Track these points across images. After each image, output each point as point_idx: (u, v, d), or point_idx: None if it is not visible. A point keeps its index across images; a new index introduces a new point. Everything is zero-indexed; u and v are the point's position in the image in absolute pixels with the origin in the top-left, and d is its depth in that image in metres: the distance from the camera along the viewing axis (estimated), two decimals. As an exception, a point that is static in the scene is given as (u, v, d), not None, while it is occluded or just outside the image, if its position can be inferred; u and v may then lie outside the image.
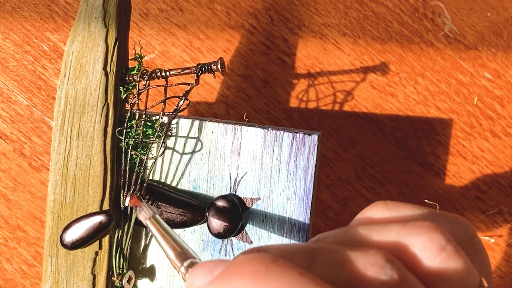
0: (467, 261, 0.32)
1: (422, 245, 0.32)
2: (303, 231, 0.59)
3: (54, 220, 0.59)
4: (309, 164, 0.58)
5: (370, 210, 0.37)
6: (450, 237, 0.32)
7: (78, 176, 0.58)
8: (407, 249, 0.32)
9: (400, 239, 0.33)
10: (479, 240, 0.36)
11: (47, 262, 0.59)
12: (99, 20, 0.58)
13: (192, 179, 0.61)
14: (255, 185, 0.59)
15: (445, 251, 0.31)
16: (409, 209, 0.36)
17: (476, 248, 0.35)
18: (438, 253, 0.31)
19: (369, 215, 0.37)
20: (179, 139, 0.61)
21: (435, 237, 0.32)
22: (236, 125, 0.60)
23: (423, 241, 0.32)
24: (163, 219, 0.59)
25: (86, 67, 0.58)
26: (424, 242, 0.32)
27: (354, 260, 0.31)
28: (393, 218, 0.36)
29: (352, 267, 0.31)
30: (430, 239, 0.32)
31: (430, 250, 0.32)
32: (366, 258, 0.31)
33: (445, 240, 0.32)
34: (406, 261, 0.32)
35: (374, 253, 0.31)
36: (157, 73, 0.59)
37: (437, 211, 0.36)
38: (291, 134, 0.58)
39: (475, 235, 0.36)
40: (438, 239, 0.32)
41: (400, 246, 0.32)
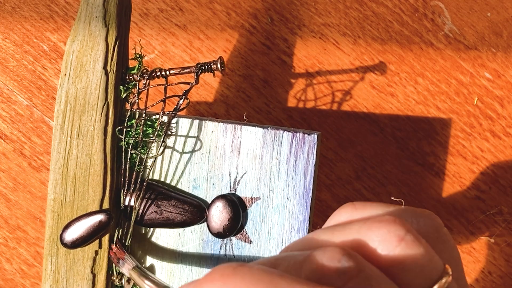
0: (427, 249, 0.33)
1: (381, 237, 0.32)
2: (303, 231, 0.59)
3: (54, 219, 0.59)
4: (308, 164, 0.58)
5: (338, 213, 0.38)
6: (409, 227, 0.33)
7: (78, 175, 0.58)
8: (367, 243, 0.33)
9: (361, 235, 0.33)
10: (446, 231, 0.36)
11: (47, 261, 0.59)
12: (100, 20, 0.58)
13: (192, 178, 0.61)
14: (255, 184, 0.59)
15: (404, 240, 0.32)
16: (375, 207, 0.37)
17: (443, 238, 0.36)
18: (397, 243, 0.32)
19: (336, 218, 0.37)
20: (179, 139, 0.61)
21: (393, 229, 0.32)
22: (236, 124, 0.60)
23: (382, 233, 0.32)
24: (163, 219, 0.59)
25: (86, 66, 0.58)
26: (383, 235, 0.32)
27: (312, 259, 0.31)
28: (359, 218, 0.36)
29: (310, 264, 0.31)
30: (388, 231, 0.32)
31: (389, 242, 0.32)
32: (323, 254, 0.31)
33: (404, 230, 0.32)
34: (367, 255, 0.32)
35: (330, 249, 0.31)
36: (157, 72, 0.59)
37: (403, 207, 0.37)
38: (291, 134, 0.58)
39: (441, 226, 0.36)
40: (397, 230, 0.32)
41: (361, 241, 0.33)
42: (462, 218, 0.84)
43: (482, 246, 0.84)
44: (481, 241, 0.84)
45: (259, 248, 0.60)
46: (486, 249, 0.84)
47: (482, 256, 0.84)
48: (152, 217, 0.59)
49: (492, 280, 0.84)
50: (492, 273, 0.84)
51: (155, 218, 0.59)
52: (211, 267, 0.61)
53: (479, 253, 0.84)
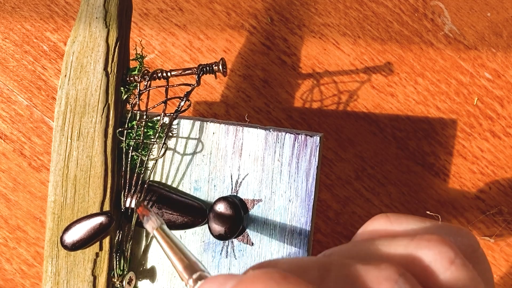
0: (475, 274, 0.32)
1: (432, 258, 0.32)
2: (304, 233, 0.58)
3: (54, 221, 0.59)
4: (311, 166, 0.58)
5: (372, 224, 0.37)
6: (457, 250, 0.32)
7: (79, 177, 0.58)
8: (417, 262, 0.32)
9: (409, 252, 0.33)
10: (482, 251, 0.36)
11: (47, 263, 0.59)
12: (100, 20, 0.58)
13: (193, 180, 0.61)
14: (257, 186, 0.59)
15: (455, 264, 0.32)
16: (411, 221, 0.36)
17: (480, 259, 0.35)
18: (448, 266, 0.32)
19: (371, 229, 0.37)
20: (180, 140, 0.61)
21: (444, 250, 0.32)
22: (238, 126, 0.60)
23: (433, 254, 0.32)
24: (165, 220, 0.59)
25: (87, 67, 0.58)
26: (434, 255, 0.32)
27: (366, 275, 0.31)
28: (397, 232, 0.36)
29: (365, 281, 0.31)
30: (439, 252, 0.32)
31: (440, 263, 0.32)
32: (379, 272, 0.31)
33: (454, 253, 0.32)
34: (417, 275, 0.32)
35: (386, 267, 0.31)
36: (158, 73, 0.59)
37: (439, 222, 0.36)
38: (293, 136, 0.58)
39: (478, 246, 0.36)
40: (447, 252, 0.32)
41: (410, 259, 0.33)
42: (462, 218, 0.84)
43: (482, 246, 0.84)
44: (481, 241, 0.84)
45: (261, 250, 0.60)
46: (486, 249, 0.84)
47: (482, 256, 0.84)
48: (154, 219, 0.59)
49: (492, 280, 0.84)
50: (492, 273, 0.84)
51: (156, 220, 0.59)
52: (212, 269, 0.61)
53: (479, 253, 0.84)
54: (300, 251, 0.59)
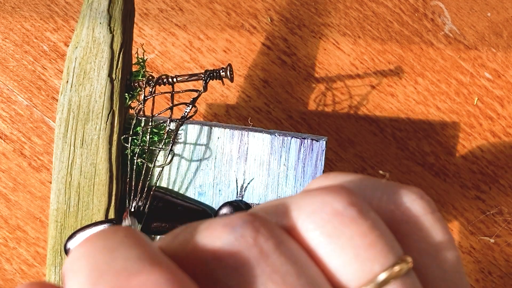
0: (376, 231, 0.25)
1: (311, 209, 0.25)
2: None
3: (57, 229, 0.59)
4: (317, 170, 0.58)
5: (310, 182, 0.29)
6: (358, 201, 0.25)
7: (83, 185, 0.58)
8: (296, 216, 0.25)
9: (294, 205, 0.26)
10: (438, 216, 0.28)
11: (50, 271, 0.59)
12: (104, 26, 0.58)
13: (198, 185, 0.61)
14: (262, 191, 0.59)
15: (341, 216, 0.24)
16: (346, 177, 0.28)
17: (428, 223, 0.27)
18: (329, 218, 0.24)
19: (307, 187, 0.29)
20: (184, 145, 0.61)
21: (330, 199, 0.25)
22: (243, 130, 0.60)
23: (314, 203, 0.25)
24: (170, 226, 0.59)
25: (90, 73, 0.57)
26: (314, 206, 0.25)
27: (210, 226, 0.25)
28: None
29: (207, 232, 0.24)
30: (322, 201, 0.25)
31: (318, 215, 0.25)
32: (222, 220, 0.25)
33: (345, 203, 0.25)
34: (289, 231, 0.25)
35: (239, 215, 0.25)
36: (163, 79, 0.58)
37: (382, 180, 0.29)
38: (299, 140, 0.58)
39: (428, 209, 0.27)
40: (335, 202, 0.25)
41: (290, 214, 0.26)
42: (462, 218, 0.84)
43: (482, 246, 0.84)
44: (481, 241, 0.84)
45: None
46: (486, 249, 0.84)
47: (482, 256, 0.84)
48: (159, 225, 0.59)
49: (492, 280, 0.84)
50: (492, 273, 0.84)
51: (162, 226, 0.59)
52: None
53: (479, 253, 0.84)
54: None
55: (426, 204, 0.27)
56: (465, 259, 0.84)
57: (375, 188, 0.28)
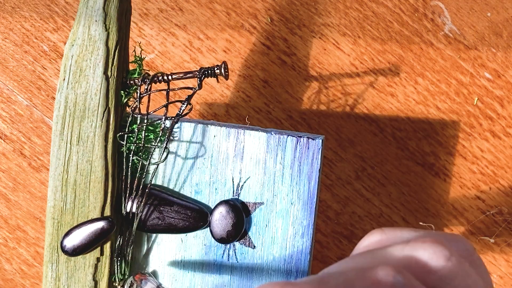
0: (472, 271, 0.33)
1: (428, 257, 0.32)
2: (307, 236, 0.59)
3: (54, 226, 0.59)
4: (313, 169, 0.58)
5: (368, 238, 0.38)
6: (452, 248, 0.33)
7: (79, 182, 0.58)
8: (413, 262, 0.33)
9: (405, 254, 0.33)
10: (479, 256, 0.36)
11: (48, 268, 0.59)
12: (100, 23, 0.58)
13: (194, 183, 0.61)
14: (258, 189, 0.59)
15: (451, 261, 0.32)
16: (405, 231, 0.37)
17: (477, 263, 0.36)
18: (445, 263, 0.32)
19: (367, 243, 0.37)
20: (181, 143, 0.61)
21: (439, 249, 0.32)
22: (239, 129, 0.59)
23: (428, 253, 0.32)
24: (166, 224, 0.59)
25: (86, 71, 0.58)
26: (429, 254, 0.32)
27: (364, 277, 0.31)
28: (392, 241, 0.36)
29: (363, 281, 0.31)
30: (434, 251, 0.32)
31: (436, 261, 0.32)
32: (376, 273, 0.31)
33: (449, 251, 0.32)
34: (414, 273, 0.32)
35: (382, 268, 0.31)
36: (158, 77, 0.58)
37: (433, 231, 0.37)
38: (295, 139, 0.58)
39: (474, 251, 0.36)
40: (442, 251, 0.32)
41: (406, 261, 0.33)
42: (462, 218, 0.84)
43: (482, 246, 0.84)
44: (481, 241, 0.84)
45: (263, 253, 0.60)
46: (486, 249, 0.84)
47: (482, 256, 0.84)
48: (154, 223, 0.59)
49: (492, 280, 0.84)
50: (492, 273, 0.84)
51: (157, 224, 0.59)
52: (214, 272, 0.61)
53: (479, 253, 0.84)
54: (302, 254, 0.59)
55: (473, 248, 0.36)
56: (465, 259, 0.84)
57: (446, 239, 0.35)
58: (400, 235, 0.36)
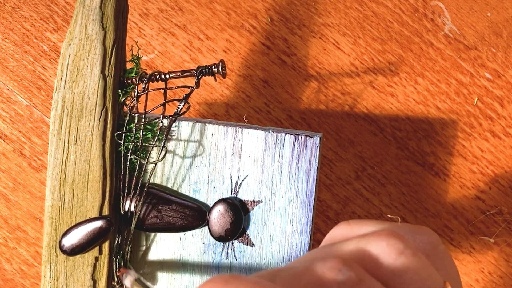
0: (427, 264, 0.33)
1: (381, 250, 0.32)
2: (305, 233, 0.58)
3: (52, 225, 0.59)
4: (311, 167, 0.58)
5: (334, 230, 0.38)
6: (408, 242, 0.33)
7: (77, 181, 0.58)
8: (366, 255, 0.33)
9: (359, 247, 0.33)
10: (444, 248, 0.36)
11: (46, 268, 0.59)
12: (97, 23, 0.58)
13: (193, 182, 0.61)
14: (257, 187, 0.59)
15: (404, 254, 0.32)
16: (370, 224, 0.37)
17: (441, 256, 0.36)
18: (397, 256, 0.32)
19: (333, 235, 0.38)
20: (178, 142, 0.61)
21: (392, 242, 0.32)
22: (237, 127, 0.59)
23: (382, 246, 0.33)
24: (164, 223, 0.59)
25: (83, 70, 0.57)
26: (382, 247, 0.33)
27: (312, 269, 0.31)
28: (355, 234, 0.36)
29: (310, 275, 0.31)
30: (387, 244, 0.32)
31: (388, 254, 0.32)
32: (324, 264, 0.31)
33: (403, 244, 0.32)
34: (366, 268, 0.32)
35: (330, 260, 0.31)
36: (156, 75, 0.58)
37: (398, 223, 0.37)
38: (293, 136, 0.58)
39: (439, 243, 0.36)
40: (396, 244, 0.32)
41: (359, 253, 0.33)
42: (462, 218, 0.84)
43: (482, 246, 0.84)
44: (481, 241, 0.84)
45: (261, 251, 0.60)
46: (486, 249, 0.84)
47: (482, 256, 0.84)
48: (153, 222, 0.59)
49: (492, 280, 0.84)
50: (492, 273, 0.84)
51: (156, 223, 0.59)
52: (212, 271, 0.61)
53: (479, 253, 0.84)
54: (301, 251, 0.59)
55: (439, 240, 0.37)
56: (465, 259, 0.84)
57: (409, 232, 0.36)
58: (364, 228, 0.37)
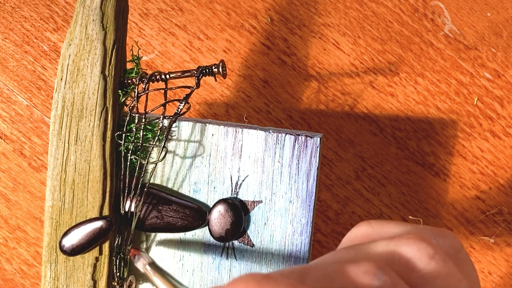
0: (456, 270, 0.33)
1: (412, 254, 0.32)
2: (305, 234, 0.58)
3: (52, 226, 0.59)
4: (311, 167, 0.58)
5: (354, 231, 0.38)
6: (437, 246, 0.33)
7: (77, 182, 0.58)
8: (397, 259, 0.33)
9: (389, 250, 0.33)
10: (466, 252, 0.36)
11: (46, 268, 0.59)
12: (97, 23, 0.58)
13: (193, 182, 0.61)
14: (257, 188, 0.59)
15: (434, 259, 0.32)
16: (392, 225, 0.37)
17: (463, 260, 0.36)
18: (428, 261, 0.32)
19: (353, 236, 0.37)
20: (179, 142, 0.61)
21: (423, 247, 0.32)
22: (237, 127, 0.59)
23: (412, 250, 0.32)
24: (164, 223, 0.59)
25: (83, 70, 0.57)
26: (413, 251, 0.32)
27: (345, 271, 0.31)
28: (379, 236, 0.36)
29: (344, 277, 0.31)
30: (418, 248, 0.32)
31: (420, 259, 0.32)
32: (358, 268, 0.31)
33: (433, 249, 0.32)
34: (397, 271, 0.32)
35: (365, 263, 0.31)
36: (156, 76, 0.58)
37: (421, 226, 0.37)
38: (293, 137, 0.58)
39: (461, 248, 0.36)
40: (426, 248, 0.32)
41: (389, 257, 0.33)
42: (462, 218, 0.84)
43: (482, 246, 0.84)
44: (481, 241, 0.84)
45: (262, 251, 0.60)
46: (486, 249, 0.84)
47: (482, 256, 0.84)
48: (153, 222, 0.59)
49: (492, 280, 0.84)
50: (492, 273, 0.84)
51: (156, 223, 0.59)
52: (213, 271, 0.61)
53: (479, 253, 0.84)
54: (301, 252, 0.59)
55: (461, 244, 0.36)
56: (465, 259, 0.84)
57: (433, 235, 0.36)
58: (387, 230, 0.36)
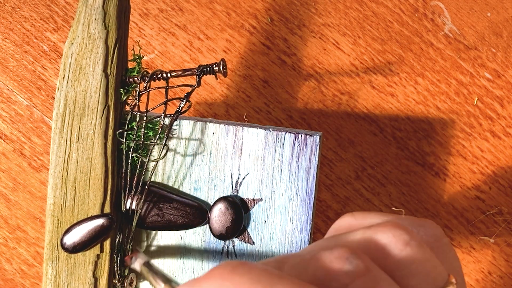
0: (432, 257, 0.33)
1: (387, 240, 0.33)
2: (305, 231, 0.59)
3: (54, 223, 0.59)
4: (311, 165, 0.58)
5: (338, 222, 0.38)
6: (413, 233, 0.33)
7: (79, 179, 0.58)
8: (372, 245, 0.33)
9: (365, 237, 0.33)
10: (448, 241, 0.36)
11: (47, 265, 0.59)
12: (99, 22, 0.58)
13: (193, 180, 0.61)
14: (257, 186, 0.59)
15: (410, 245, 0.32)
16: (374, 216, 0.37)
17: (444, 248, 0.36)
18: (403, 247, 0.32)
19: (337, 226, 0.38)
20: (179, 140, 0.61)
21: (398, 233, 0.33)
22: (238, 126, 0.59)
23: (387, 236, 0.33)
24: (165, 221, 0.59)
25: (85, 69, 0.58)
26: (388, 238, 0.33)
27: (319, 258, 0.31)
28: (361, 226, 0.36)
29: (317, 263, 0.31)
30: (393, 234, 0.33)
31: (395, 245, 0.32)
32: (331, 253, 0.31)
33: (408, 235, 0.32)
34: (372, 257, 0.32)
35: (338, 249, 0.31)
36: (157, 74, 0.58)
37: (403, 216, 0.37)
38: (293, 135, 0.58)
39: (442, 236, 0.36)
40: (402, 235, 0.32)
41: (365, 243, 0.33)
42: (462, 218, 0.84)
43: (482, 246, 0.84)
44: (481, 241, 0.84)
45: (262, 249, 0.60)
46: (486, 249, 0.84)
47: (482, 256, 0.84)
48: (154, 220, 0.59)
49: (492, 280, 0.84)
50: (492, 273, 0.84)
51: (157, 221, 0.59)
52: (213, 269, 0.61)
53: (479, 253, 0.84)
54: (300, 249, 0.59)
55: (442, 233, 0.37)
56: (465, 259, 0.84)
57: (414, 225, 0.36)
58: (369, 220, 0.37)
